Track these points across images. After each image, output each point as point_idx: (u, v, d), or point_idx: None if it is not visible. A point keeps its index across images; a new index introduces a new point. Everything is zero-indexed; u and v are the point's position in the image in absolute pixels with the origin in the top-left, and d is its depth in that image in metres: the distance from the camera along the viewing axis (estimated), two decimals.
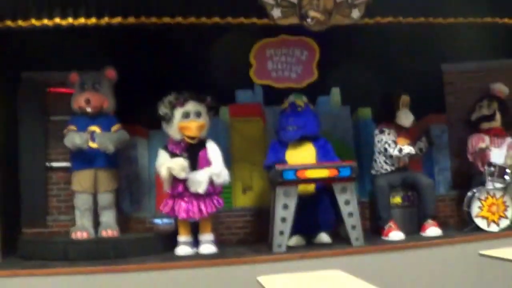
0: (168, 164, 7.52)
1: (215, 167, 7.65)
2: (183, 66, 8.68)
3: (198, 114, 7.75)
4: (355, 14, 8.13)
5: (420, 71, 9.30)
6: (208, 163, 7.68)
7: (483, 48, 9.30)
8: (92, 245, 7.52)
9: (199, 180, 7.49)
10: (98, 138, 7.86)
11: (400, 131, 8.59)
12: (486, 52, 9.46)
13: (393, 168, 8.48)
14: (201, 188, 7.47)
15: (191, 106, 7.73)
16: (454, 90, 9.85)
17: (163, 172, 7.54)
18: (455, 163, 9.63)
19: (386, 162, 8.49)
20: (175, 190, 7.58)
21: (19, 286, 6.47)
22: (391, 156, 8.39)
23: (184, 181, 7.49)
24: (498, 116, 9.03)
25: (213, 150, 7.80)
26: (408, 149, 8.27)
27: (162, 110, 7.70)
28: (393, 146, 8.30)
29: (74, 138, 7.78)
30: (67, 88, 8.40)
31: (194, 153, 7.70)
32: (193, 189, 7.48)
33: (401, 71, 9.19)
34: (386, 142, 8.36)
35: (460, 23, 8.70)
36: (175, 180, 7.53)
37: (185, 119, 7.67)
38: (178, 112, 7.69)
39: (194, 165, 7.62)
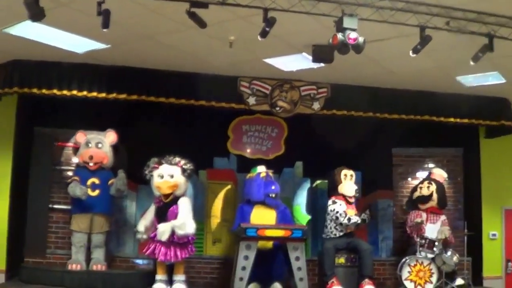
0: (139, 226, 8.85)
1: (177, 220, 8.60)
2: (172, 135, 9.57)
3: (171, 175, 8.81)
4: (316, 106, 9.27)
5: (373, 153, 10.41)
6: (175, 217, 8.68)
7: (427, 137, 10.47)
8: (84, 276, 8.57)
9: (162, 231, 8.50)
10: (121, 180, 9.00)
11: (348, 202, 9.68)
12: (429, 141, 10.63)
13: (341, 233, 9.55)
14: (164, 237, 8.47)
15: (164, 168, 8.83)
16: (402, 171, 10.96)
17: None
18: (397, 233, 10.68)
19: (336, 228, 9.58)
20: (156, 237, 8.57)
21: None
22: (341, 224, 9.50)
23: None
24: (435, 197, 10.14)
25: (182, 205, 8.76)
26: (355, 219, 9.43)
27: (145, 172, 8.88)
28: (343, 216, 9.43)
29: (75, 190, 8.78)
30: (72, 144, 9.41)
31: (166, 208, 8.76)
32: (158, 237, 8.51)
33: (357, 153, 10.24)
34: (337, 212, 9.49)
35: (404, 118, 9.88)
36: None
37: (160, 179, 8.80)
38: (155, 174, 8.82)
39: (164, 218, 8.68)
